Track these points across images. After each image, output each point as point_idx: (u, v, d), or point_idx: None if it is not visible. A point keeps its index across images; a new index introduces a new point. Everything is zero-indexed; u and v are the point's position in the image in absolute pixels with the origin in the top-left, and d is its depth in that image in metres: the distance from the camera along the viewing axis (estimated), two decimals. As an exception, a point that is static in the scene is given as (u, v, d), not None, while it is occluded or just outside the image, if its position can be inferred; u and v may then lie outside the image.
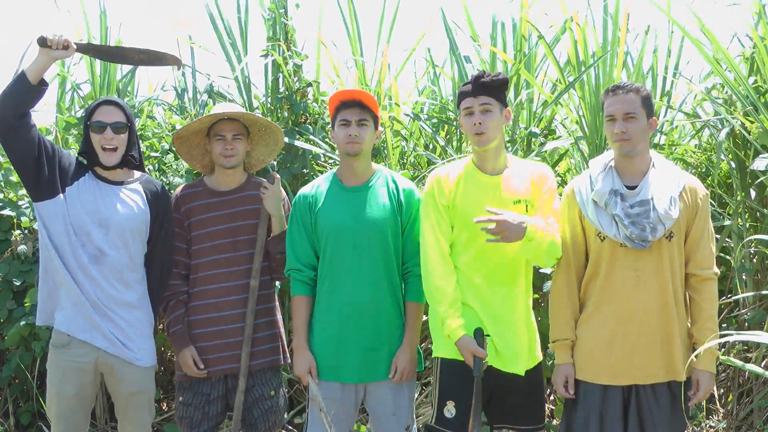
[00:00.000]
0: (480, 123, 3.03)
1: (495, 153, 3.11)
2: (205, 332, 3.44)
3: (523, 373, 3.06)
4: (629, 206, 2.87)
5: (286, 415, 4.59)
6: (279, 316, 3.61)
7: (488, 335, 3.06)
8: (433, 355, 3.21)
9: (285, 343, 3.61)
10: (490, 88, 3.05)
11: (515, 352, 3.07)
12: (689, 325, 2.99)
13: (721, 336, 4.71)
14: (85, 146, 3.27)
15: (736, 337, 2.38)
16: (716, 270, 2.98)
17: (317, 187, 3.34)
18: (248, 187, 3.51)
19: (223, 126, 3.42)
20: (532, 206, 3.06)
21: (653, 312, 2.91)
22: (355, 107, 3.22)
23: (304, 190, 3.36)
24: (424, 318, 3.50)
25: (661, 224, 2.84)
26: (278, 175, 3.51)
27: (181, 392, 3.47)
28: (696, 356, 2.90)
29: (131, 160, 3.29)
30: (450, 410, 3.08)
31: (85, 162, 3.30)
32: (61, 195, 3.17)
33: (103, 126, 3.19)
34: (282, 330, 3.61)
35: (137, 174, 3.38)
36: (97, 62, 5.12)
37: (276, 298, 3.64)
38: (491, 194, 3.07)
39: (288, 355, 3.61)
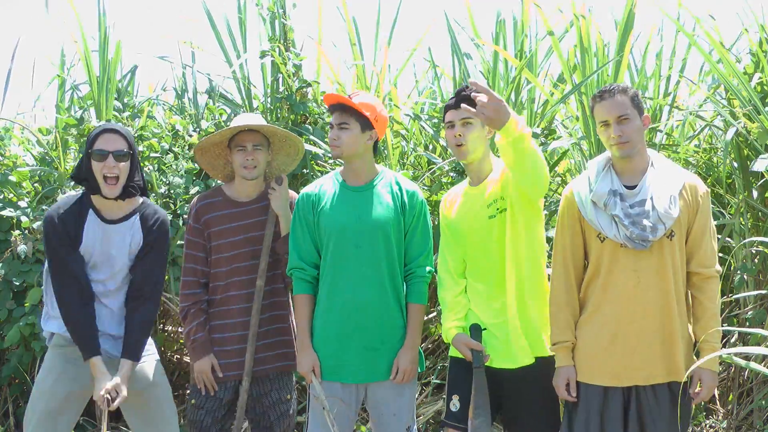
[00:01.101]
0: (459, 135, 3.08)
1: (478, 166, 3.15)
2: (223, 337, 3.43)
3: (530, 362, 3.06)
4: (629, 206, 2.85)
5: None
6: (292, 322, 3.58)
7: (485, 329, 3.09)
8: (449, 355, 3.29)
9: (295, 347, 3.60)
10: (471, 102, 3.03)
11: (517, 353, 3.07)
12: (691, 325, 2.97)
13: (722, 335, 4.74)
14: (85, 173, 3.18)
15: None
16: (718, 268, 2.96)
17: (321, 186, 3.35)
18: (266, 196, 3.50)
19: (244, 137, 3.41)
20: (502, 200, 3.06)
21: (654, 312, 2.87)
22: (336, 111, 3.23)
23: (307, 189, 3.36)
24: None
25: (661, 224, 2.82)
26: (285, 177, 3.51)
27: (194, 395, 3.45)
28: (698, 355, 2.90)
29: (131, 191, 3.21)
30: (455, 404, 3.14)
31: (71, 169, 3.29)
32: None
33: (105, 154, 3.11)
34: (291, 336, 3.58)
35: (137, 203, 3.29)
36: (96, 63, 5.11)
37: (290, 304, 3.60)
38: (471, 205, 3.14)
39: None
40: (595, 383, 2.94)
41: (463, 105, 2.97)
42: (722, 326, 3.50)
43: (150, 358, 3.33)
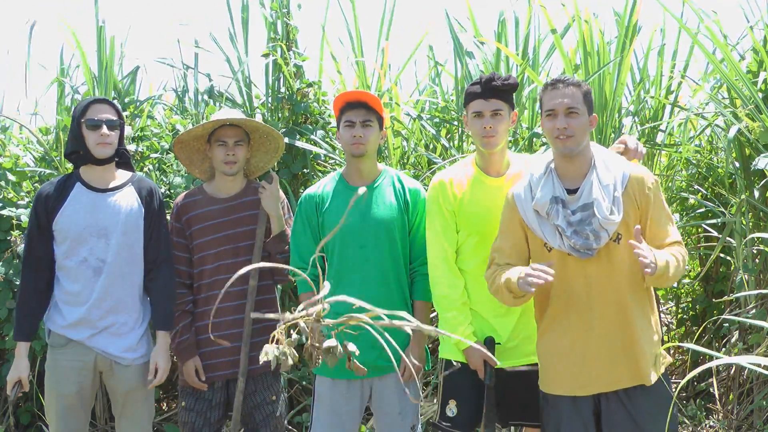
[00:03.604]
0: (491, 127, 3.01)
1: (500, 154, 3.11)
2: (209, 338, 3.41)
3: (530, 362, 3.06)
4: (571, 213, 2.73)
5: (286, 416, 4.58)
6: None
7: (499, 343, 3.06)
8: (439, 356, 3.25)
9: None
10: (501, 92, 3.02)
11: (523, 349, 3.07)
12: (654, 325, 2.87)
13: (723, 335, 4.73)
14: (75, 145, 3.25)
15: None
16: (680, 239, 2.83)
17: (323, 187, 3.34)
18: (248, 192, 3.50)
19: (225, 132, 3.41)
20: None
21: (611, 317, 2.77)
22: (360, 108, 3.22)
23: (310, 191, 3.36)
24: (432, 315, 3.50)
25: (603, 230, 2.70)
26: (276, 175, 3.50)
27: (184, 397, 3.46)
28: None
29: (125, 153, 3.29)
30: (452, 409, 3.12)
31: (70, 170, 3.33)
32: (53, 226, 3.22)
33: (99, 123, 3.19)
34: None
35: (128, 175, 3.37)
36: (94, 64, 5.11)
37: (277, 302, 3.62)
38: (499, 197, 3.06)
39: None
40: (561, 394, 2.86)
41: None
42: (721, 327, 3.48)
43: (142, 360, 3.34)
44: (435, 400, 3.38)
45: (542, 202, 2.76)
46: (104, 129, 3.19)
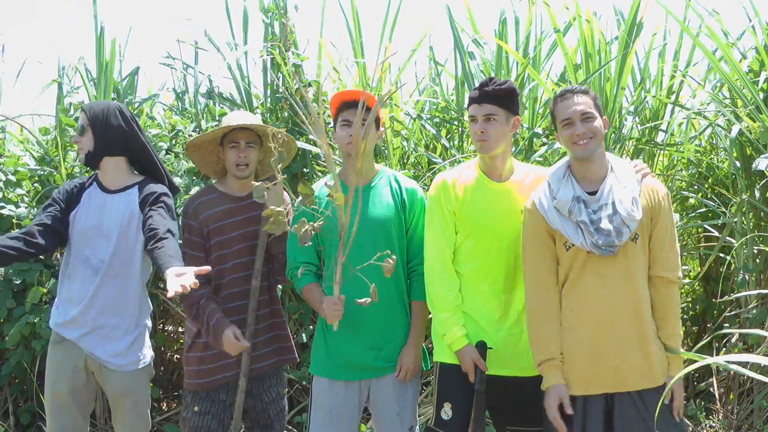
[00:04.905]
0: (482, 131, 3.03)
1: (501, 159, 3.11)
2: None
3: (527, 375, 3.05)
4: (592, 212, 2.79)
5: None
6: (285, 318, 3.61)
7: (491, 348, 3.05)
8: (433, 359, 3.23)
9: (292, 342, 3.60)
10: (494, 97, 3.03)
11: (518, 356, 3.06)
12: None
13: (723, 335, 4.74)
14: None
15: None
16: (680, 275, 2.92)
17: (321, 188, 3.33)
18: None
19: (237, 134, 3.42)
20: None
21: (624, 317, 2.80)
22: (356, 107, 3.21)
23: None
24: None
25: (626, 227, 2.76)
26: (279, 175, 3.49)
27: (196, 401, 3.40)
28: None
29: (94, 160, 3.31)
30: (447, 412, 3.09)
31: (69, 170, 3.43)
32: (70, 216, 3.31)
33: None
34: (287, 331, 3.59)
35: (138, 178, 3.40)
36: (93, 66, 5.12)
37: (279, 300, 3.62)
38: (501, 202, 3.08)
39: (296, 354, 3.61)
40: (572, 394, 2.85)
41: None
42: (724, 326, 3.48)
43: (139, 364, 3.35)
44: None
45: (564, 200, 2.82)
46: (75, 137, 3.33)
